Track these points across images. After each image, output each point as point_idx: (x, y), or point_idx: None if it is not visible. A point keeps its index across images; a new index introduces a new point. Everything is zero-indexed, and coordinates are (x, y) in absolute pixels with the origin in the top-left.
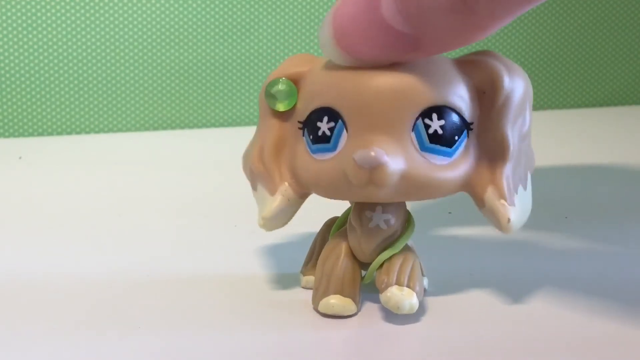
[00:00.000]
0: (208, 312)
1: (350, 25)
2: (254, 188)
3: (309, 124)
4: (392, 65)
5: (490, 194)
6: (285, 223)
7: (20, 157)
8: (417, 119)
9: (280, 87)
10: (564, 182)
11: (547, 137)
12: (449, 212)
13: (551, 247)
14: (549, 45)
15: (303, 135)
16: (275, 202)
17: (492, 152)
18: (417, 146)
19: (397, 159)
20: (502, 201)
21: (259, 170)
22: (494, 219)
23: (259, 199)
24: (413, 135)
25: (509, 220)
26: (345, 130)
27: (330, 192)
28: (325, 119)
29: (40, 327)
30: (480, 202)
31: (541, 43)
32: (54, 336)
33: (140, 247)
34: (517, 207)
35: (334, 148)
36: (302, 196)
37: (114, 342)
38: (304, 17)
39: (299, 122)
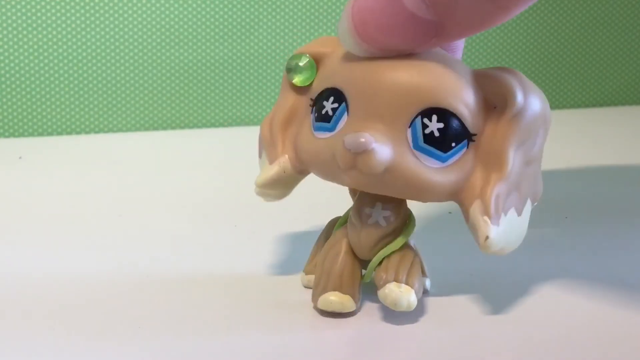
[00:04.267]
0: (208, 312)
1: (371, 16)
2: (259, 155)
3: (317, 102)
4: (407, 58)
5: (475, 207)
6: (282, 196)
7: (20, 157)
8: (416, 116)
9: (300, 62)
10: (564, 183)
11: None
12: (449, 212)
13: (551, 247)
14: (549, 45)
15: (312, 113)
16: (271, 171)
17: (489, 167)
18: (411, 143)
19: (385, 149)
20: (485, 218)
21: (265, 136)
22: (474, 234)
23: (261, 166)
24: (409, 131)
25: (487, 238)
26: (346, 113)
27: (321, 171)
28: (331, 99)
29: (40, 327)
30: (466, 214)
31: (541, 43)
32: (54, 336)
33: (140, 247)
34: (501, 229)
35: (333, 128)
36: (301, 172)
37: (114, 342)
38: (304, 17)
39: (311, 99)
